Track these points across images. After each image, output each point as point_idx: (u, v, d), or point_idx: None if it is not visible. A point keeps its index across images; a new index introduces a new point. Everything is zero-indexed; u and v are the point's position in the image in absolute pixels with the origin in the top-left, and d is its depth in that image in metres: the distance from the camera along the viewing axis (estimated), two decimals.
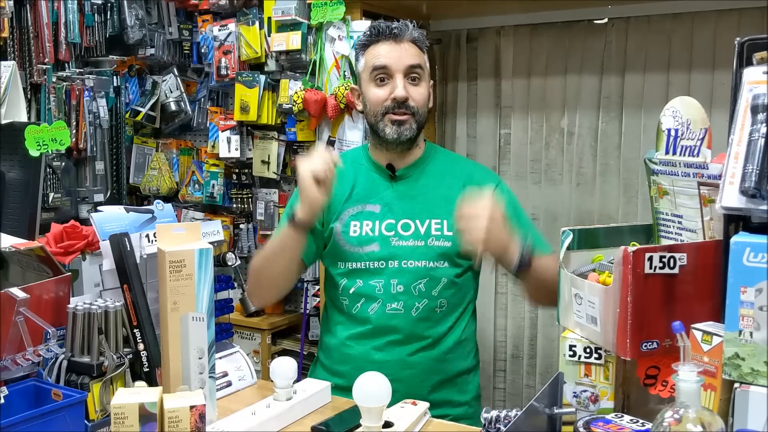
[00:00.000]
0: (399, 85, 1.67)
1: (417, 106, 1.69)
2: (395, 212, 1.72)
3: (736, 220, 1.16)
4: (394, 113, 1.68)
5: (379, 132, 1.71)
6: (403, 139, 1.69)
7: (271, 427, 1.39)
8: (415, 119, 1.69)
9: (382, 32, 1.71)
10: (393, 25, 1.71)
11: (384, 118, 1.69)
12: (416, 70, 1.70)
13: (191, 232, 1.41)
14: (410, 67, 1.69)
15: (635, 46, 2.81)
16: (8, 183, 1.96)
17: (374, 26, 1.73)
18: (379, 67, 1.69)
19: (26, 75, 2.83)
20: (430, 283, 1.67)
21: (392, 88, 1.68)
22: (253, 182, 3.19)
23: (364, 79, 1.74)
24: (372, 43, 1.72)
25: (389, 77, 1.69)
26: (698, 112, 1.30)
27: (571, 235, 1.46)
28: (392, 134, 1.68)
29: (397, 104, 1.67)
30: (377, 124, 1.71)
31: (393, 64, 1.68)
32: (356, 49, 1.78)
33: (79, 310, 1.34)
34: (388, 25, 1.71)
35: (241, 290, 3.03)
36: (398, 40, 1.70)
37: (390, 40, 1.70)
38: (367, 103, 1.73)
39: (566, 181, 2.99)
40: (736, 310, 1.05)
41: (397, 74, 1.68)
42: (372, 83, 1.71)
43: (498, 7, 2.94)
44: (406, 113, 1.68)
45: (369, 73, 1.71)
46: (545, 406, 1.20)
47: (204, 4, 3.03)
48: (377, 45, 1.71)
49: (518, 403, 2.96)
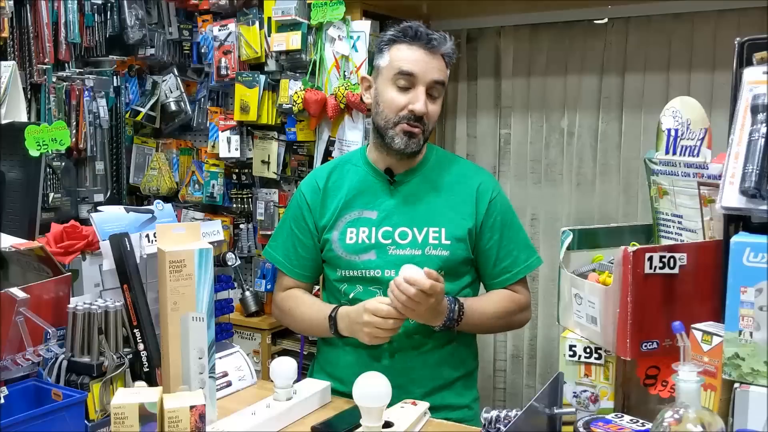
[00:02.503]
0: (420, 99, 1.61)
1: (429, 123, 1.66)
2: (392, 219, 1.69)
3: (736, 220, 1.16)
4: (408, 124, 1.63)
5: (386, 138, 1.66)
6: (409, 151, 1.66)
7: (271, 427, 1.39)
8: (424, 135, 1.67)
9: (420, 37, 1.63)
10: (433, 34, 1.64)
11: (396, 127, 1.64)
12: (438, 87, 1.65)
13: (191, 232, 1.41)
14: (434, 82, 1.63)
15: (635, 46, 2.81)
16: (8, 183, 1.96)
17: (411, 27, 1.64)
18: (406, 73, 1.62)
19: (26, 75, 2.83)
20: None
21: (412, 99, 1.62)
22: (253, 182, 3.19)
23: (384, 76, 1.66)
24: (404, 42, 1.64)
25: (412, 86, 1.62)
26: (698, 112, 1.30)
27: (571, 235, 1.47)
28: (401, 145, 1.64)
29: (413, 117, 1.63)
30: (387, 130, 1.65)
31: (420, 74, 1.61)
32: (382, 41, 1.69)
33: (79, 310, 1.34)
34: (427, 32, 1.64)
35: (241, 290, 3.04)
36: (433, 52, 1.63)
37: (425, 48, 1.62)
38: (380, 103, 1.67)
39: (566, 181, 2.99)
40: (736, 310, 1.05)
41: (421, 86, 1.62)
42: (392, 85, 1.64)
43: (498, 7, 2.94)
44: (419, 127, 1.64)
45: (393, 73, 1.63)
46: (545, 406, 1.20)
47: (204, 4, 3.03)
48: (410, 47, 1.63)
49: (518, 403, 2.97)
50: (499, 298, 1.73)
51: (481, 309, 1.68)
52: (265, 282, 3.05)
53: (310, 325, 1.75)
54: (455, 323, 1.62)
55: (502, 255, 1.71)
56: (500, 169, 3.13)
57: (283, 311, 1.79)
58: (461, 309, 1.62)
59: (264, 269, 3.10)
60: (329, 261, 1.74)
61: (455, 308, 1.61)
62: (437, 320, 1.60)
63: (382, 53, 1.68)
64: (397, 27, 1.68)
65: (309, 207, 1.75)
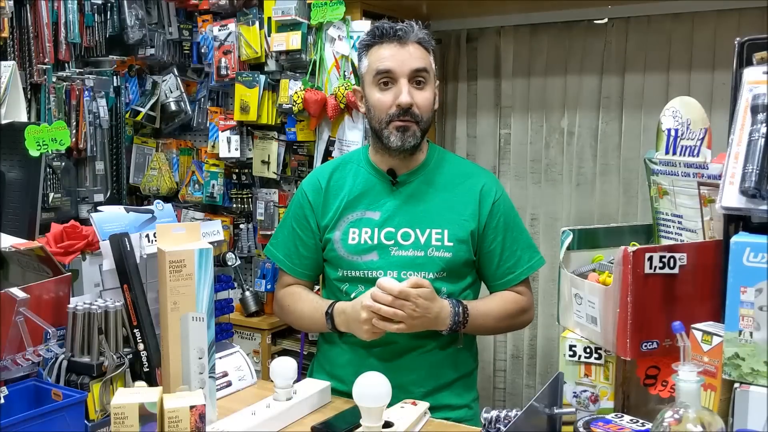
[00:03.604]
0: (403, 90, 1.61)
1: (421, 113, 1.64)
2: (395, 220, 1.69)
3: (736, 220, 1.16)
4: (399, 120, 1.63)
5: (383, 139, 1.66)
6: (406, 146, 1.65)
7: (271, 427, 1.39)
8: (419, 126, 1.65)
9: (386, 33, 1.64)
10: (397, 26, 1.64)
11: (389, 126, 1.64)
12: (421, 74, 1.63)
13: (191, 232, 1.41)
14: (415, 71, 1.62)
15: (635, 46, 2.81)
16: (8, 183, 1.96)
17: (378, 27, 1.66)
18: (383, 71, 1.62)
19: (26, 75, 2.83)
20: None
21: (396, 94, 1.62)
22: (253, 182, 3.19)
23: (367, 81, 1.68)
24: (375, 44, 1.66)
25: (393, 81, 1.63)
26: (698, 112, 1.30)
27: (571, 235, 1.47)
28: (396, 142, 1.64)
29: (401, 111, 1.62)
30: (381, 131, 1.66)
31: (397, 68, 1.62)
32: (359, 50, 1.72)
33: (79, 310, 1.34)
34: (392, 26, 1.64)
35: (241, 290, 3.04)
36: (403, 42, 1.63)
37: (394, 42, 1.63)
38: (371, 108, 1.68)
39: (566, 181, 2.99)
40: (736, 310, 1.05)
41: (402, 79, 1.61)
42: (375, 87, 1.65)
43: (498, 7, 2.94)
44: (410, 120, 1.63)
45: (372, 76, 1.65)
46: (545, 406, 1.20)
47: (204, 4, 3.03)
48: (381, 47, 1.64)
49: (518, 403, 2.97)
50: (502, 300, 1.73)
51: (485, 311, 1.68)
52: (265, 282, 3.06)
53: (309, 321, 1.75)
54: (461, 326, 1.62)
55: (505, 256, 1.72)
56: (500, 169, 3.14)
57: (283, 308, 1.80)
58: (465, 311, 1.62)
59: (264, 269, 3.10)
60: (331, 261, 1.74)
61: (459, 311, 1.61)
62: (441, 325, 1.60)
63: (361, 61, 1.71)
64: (367, 32, 1.71)
65: (311, 206, 1.75)
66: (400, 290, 1.50)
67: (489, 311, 1.69)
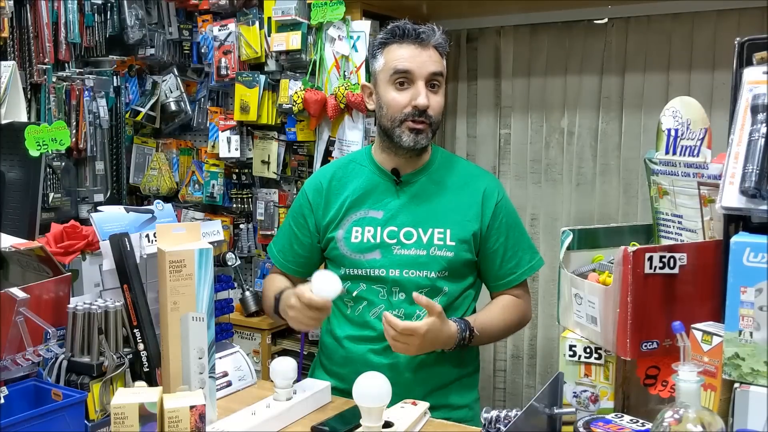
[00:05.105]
0: (421, 93, 1.62)
1: (435, 116, 1.66)
2: (398, 219, 1.70)
3: (736, 220, 1.16)
4: (414, 121, 1.63)
5: (394, 137, 1.66)
6: (418, 147, 1.66)
7: (271, 427, 1.39)
8: (431, 128, 1.66)
9: (408, 34, 1.63)
10: (420, 28, 1.64)
11: (402, 125, 1.64)
12: (437, 78, 1.64)
13: (191, 232, 1.41)
14: (432, 75, 1.63)
15: (635, 46, 2.81)
16: (8, 183, 1.96)
17: (398, 26, 1.65)
18: (402, 71, 1.62)
19: (26, 75, 2.83)
20: (432, 293, 1.65)
21: (413, 95, 1.62)
22: (253, 182, 3.19)
23: (381, 79, 1.67)
24: (394, 42, 1.65)
25: (410, 82, 1.63)
26: (698, 112, 1.30)
27: (571, 235, 1.47)
28: (409, 142, 1.65)
29: (417, 112, 1.63)
30: (393, 130, 1.66)
31: (416, 70, 1.62)
32: (375, 46, 1.71)
33: (79, 310, 1.34)
34: (415, 27, 1.64)
35: (241, 290, 3.04)
36: (424, 45, 1.63)
37: (415, 43, 1.63)
38: (384, 106, 1.68)
39: (566, 181, 2.99)
40: (736, 310, 1.05)
41: (419, 81, 1.62)
42: (391, 86, 1.65)
43: (498, 7, 2.94)
44: (424, 122, 1.64)
45: (389, 74, 1.64)
46: (545, 406, 1.20)
47: (204, 4, 3.03)
48: (401, 46, 1.64)
49: (518, 403, 2.97)
50: (504, 309, 1.73)
51: (489, 326, 1.69)
52: None
53: (268, 303, 1.77)
54: (467, 343, 1.63)
55: (508, 257, 1.72)
56: (500, 169, 3.14)
57: (263, 294, 1.83)
58: (471, 334, 1.63)
59: (264, 269, 3.10)
60: (334, 259, 1.75)
61: (466, 335, 1.62)
62: (446, 346, 1.61)
63: (376, 58, 1.70)
64: (385, 30, 1.70)
65: (311, 206, 1.77)
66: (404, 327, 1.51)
67: (493, 325, 1.70)
